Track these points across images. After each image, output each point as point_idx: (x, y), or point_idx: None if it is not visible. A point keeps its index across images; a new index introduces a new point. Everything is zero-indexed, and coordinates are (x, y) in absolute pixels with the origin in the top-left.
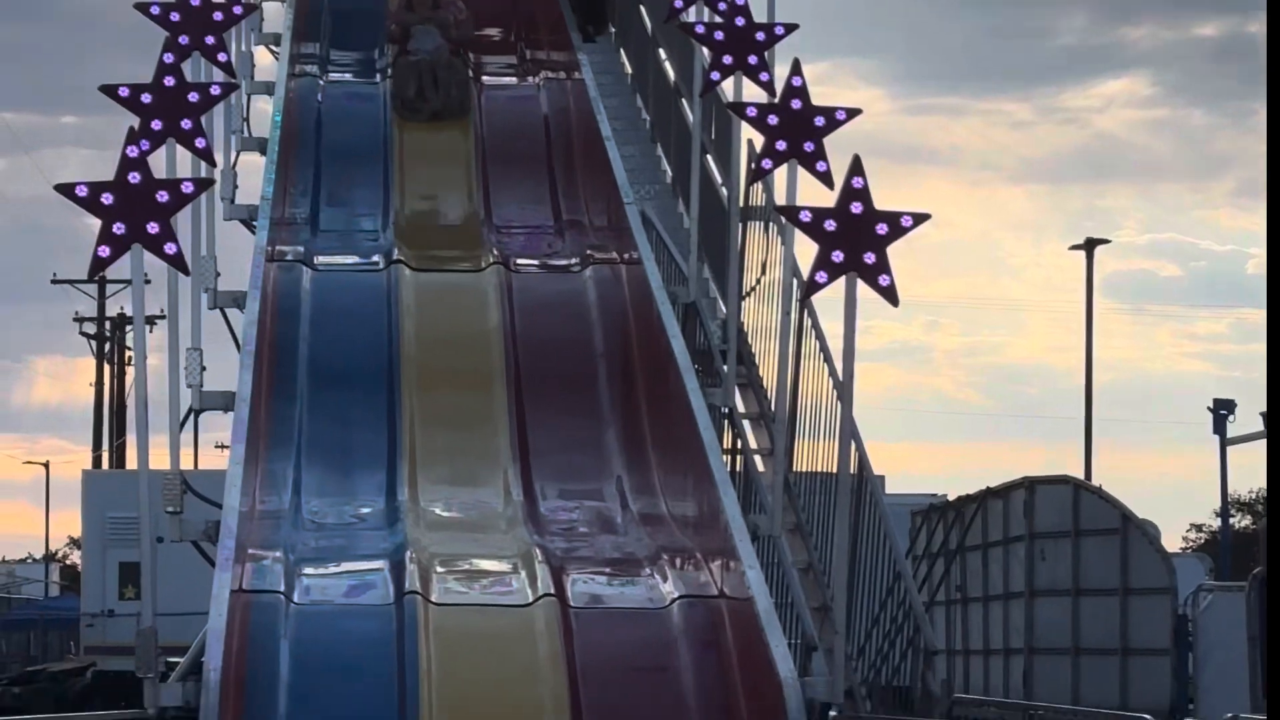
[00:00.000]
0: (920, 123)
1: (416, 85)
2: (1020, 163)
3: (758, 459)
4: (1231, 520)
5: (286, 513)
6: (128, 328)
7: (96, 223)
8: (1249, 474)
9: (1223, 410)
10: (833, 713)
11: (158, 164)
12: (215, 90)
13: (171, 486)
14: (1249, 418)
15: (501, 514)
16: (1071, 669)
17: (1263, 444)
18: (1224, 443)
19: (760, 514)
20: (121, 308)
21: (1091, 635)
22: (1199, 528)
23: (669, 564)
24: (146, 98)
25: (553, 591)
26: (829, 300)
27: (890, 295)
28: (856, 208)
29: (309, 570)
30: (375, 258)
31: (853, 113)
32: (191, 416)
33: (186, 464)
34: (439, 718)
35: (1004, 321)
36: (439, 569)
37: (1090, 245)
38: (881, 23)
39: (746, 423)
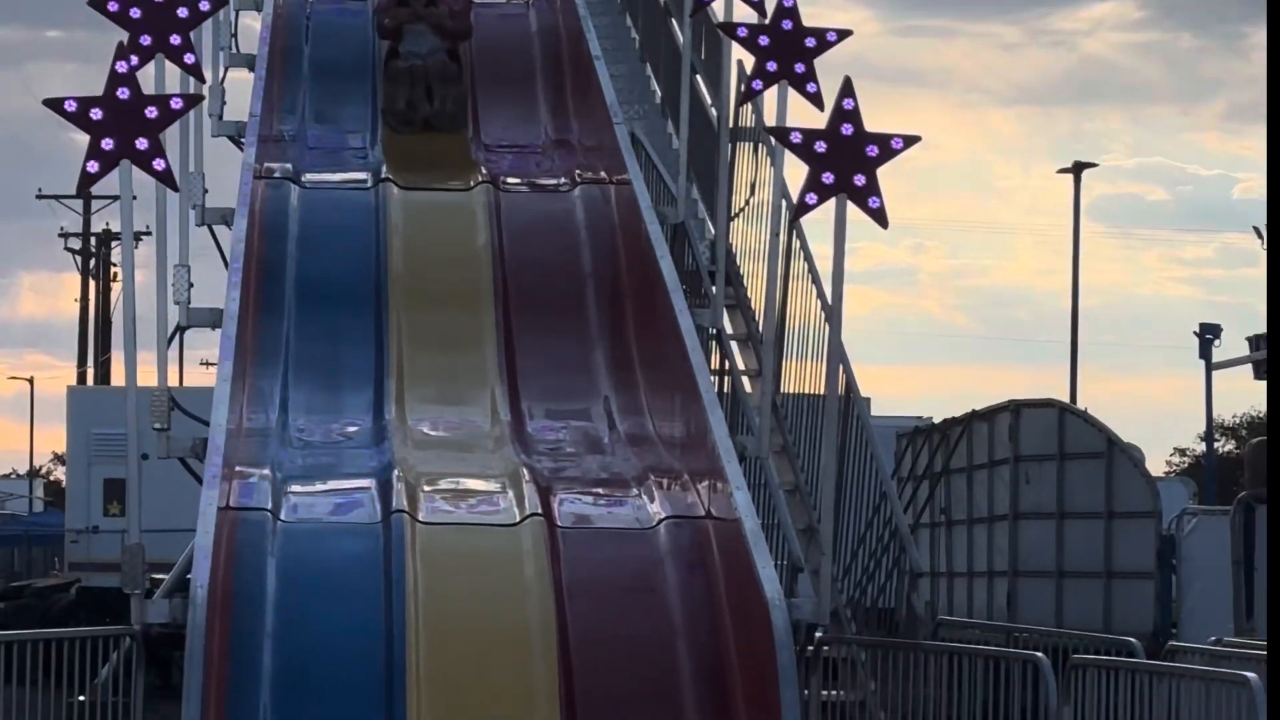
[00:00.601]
0: (909, 44)
1: (408, 98)
2: (1009, 85)
3: (745, 380)
4: (1216, 445)
5: (274, 430)
6: (113, 243)
7: (81, 138)
8: (1234, 398)
9: (1208, 335)
10: (818, 633)
11: (146, 80)
12: (204, 5)
13: (159, 403)
14: (1234, 342)
15: (489, 433)
16: (1056, 592)
17: (1248, 368)
18: (1209, 367)
19: (747, 435)
20: (107, 223)
21: (1076, 558)
22: (1183, 452)
23: (656, 485)
24: (135, 12)
25: (540, 511)
26: (817, 222)
27: (880, 217)
28: (847, 129)
29: (296, 488)
30: (363, 175)
31: (843, 34)
32: (178, 333)
33: (172, 381)
34: (426, 636)
35: (991, 245)
36: (426, 488)
37: (1078, 169)
38: None
39: (734, 344)
